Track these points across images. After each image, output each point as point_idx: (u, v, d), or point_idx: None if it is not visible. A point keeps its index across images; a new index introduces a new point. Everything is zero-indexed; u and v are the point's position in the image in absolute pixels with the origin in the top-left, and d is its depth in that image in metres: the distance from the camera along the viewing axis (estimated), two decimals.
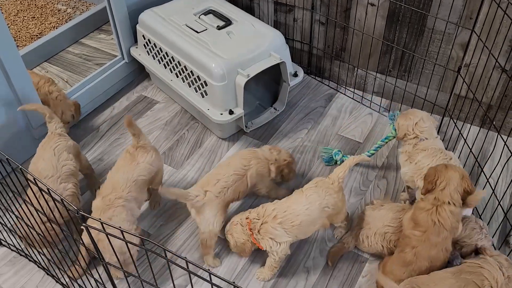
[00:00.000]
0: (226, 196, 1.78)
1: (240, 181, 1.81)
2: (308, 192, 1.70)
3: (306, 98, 2.55)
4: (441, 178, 1.55)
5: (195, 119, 2.43)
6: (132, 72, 2.62)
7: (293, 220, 1.65)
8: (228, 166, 1.84)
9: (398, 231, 1.69)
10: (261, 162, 1.88)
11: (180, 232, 1.93)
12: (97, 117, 2.45)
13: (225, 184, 1.78)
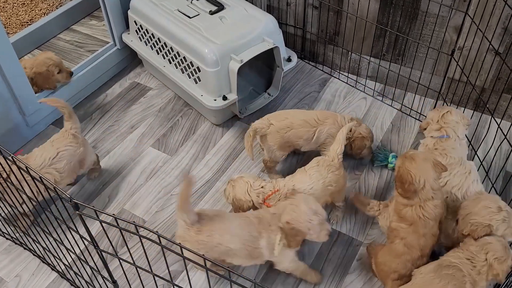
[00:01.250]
0: (287, 135, 1.89)
1: (305, 130, 1.89)
2: (311, 172, 1.72)
3: (300, 83, 2.54)
4: (417, 177, 1.50)
5: (188, 106, 2.42)
6: (125, 59, 2.59)
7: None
8: (301, 112, 1.99)
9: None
10: (335, 125, 1.92)
11: (175, 219, 1.92)
12: (90, 105, 2.43)
13: (290, 125, 1.90)
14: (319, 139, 1.94)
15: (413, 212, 1.53)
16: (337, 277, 1.74)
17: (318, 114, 1.95)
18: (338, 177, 1.72)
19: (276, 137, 1.92)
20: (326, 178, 1.70)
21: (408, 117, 2.32)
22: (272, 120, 1.93)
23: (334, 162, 1.72)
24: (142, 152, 2.19)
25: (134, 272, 1.69)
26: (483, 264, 1.43)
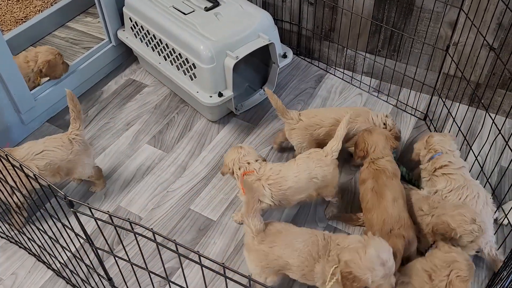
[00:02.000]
0: (316, 132, 1.92)
1: (335, 128, 1.81)
2: (300, 161, 1.73)
3: (296, 79, 2.54)
4: (370, 144, 1.77)
5: (184, 102, 2.42)
6: (120, 56, 2.59)
7: (281, 184, 1.68)
8: (332, 110, 1.99)
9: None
10: (366, 123, 1.93)
11: (171, 215, 1.93)
12: (86, 102, 2.43)
13: (320, 123, 1.91)
14: (348, 136, 1.94)
15: (370, 169, 1.73)
16: None
17: (349, 111, 1.91)
18: (326, 173, 1.71)
19: (304, 134, 1.94)
20: (312, 171, 1.70)
21: (404, 112, 2.33)
22: (302, 116, 1.95)
23: (327, 158, 1.72)
24: (138, 149, 2.19)
25: (130, 269, 1.70)
26: (442, 280, 1.40)
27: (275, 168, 1.72)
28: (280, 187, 1.69)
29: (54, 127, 2.30)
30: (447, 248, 1.48)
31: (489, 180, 1.89)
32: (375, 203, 1.65)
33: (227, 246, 1.83)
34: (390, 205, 1.62)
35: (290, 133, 1.97)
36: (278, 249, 1.45)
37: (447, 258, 1.43)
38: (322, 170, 1.71)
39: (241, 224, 1.86)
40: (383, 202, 1.63)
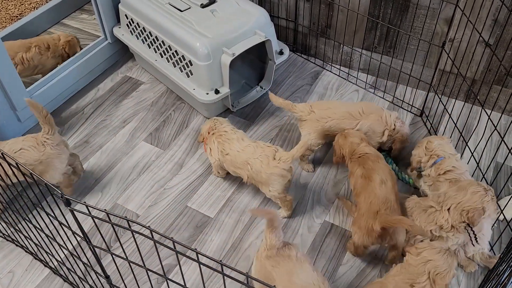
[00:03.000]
0: (327, 124, 1.93)
1: (348, 122, 1.91)
2: (252, 144, 1.82)
3: (292, 76, 2.54)
4: (345, 148, 1.82)
5: (181, 100, 2.41)
6: (116, 53, 2.58)
7: (224, 147, 1.85)
8: (345, 103, 2.02)
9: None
10: (379, 121, 1.94)
11: (169, 213, 1.93)
12: (82, 99, 2.42)
13: (332, 115, 1.93)
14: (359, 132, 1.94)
15: (352, 161, 1.79)
16: (330, 268, 1.75)
17: (364, 106, 1.96)
18: (260, 169, 1.76)
19: (316, 125, 1.95)
20: (250, 159, 1.78)
21: (400, 109, 2.33)
22: (315, 108, 1.96)
23: (272, 161, 1.75)
24: (134, 147, 2.19)
25: (128, 267, 1.69)
26: (425, 285, 1.39)
27: (231, 134, 1.86)
28: (222, 149, 1.85)
29: None
30: (414, 250, 1.46)
31: (485, 176, 1.90)
32: (364, 186, 1.69)
33: (224, 243, 1.83)
34: (377, 187, 1.66)
35: (301, 124, 2.00)
36: (277, 272, 1.43)
37: (420, 261, 1.42)
38: (259, 165, 1.76)
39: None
40: (371, 184, 1.67)
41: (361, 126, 1.94)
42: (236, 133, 1.88)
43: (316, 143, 1.99)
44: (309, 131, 1.97)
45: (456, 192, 1.60)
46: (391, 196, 1.65)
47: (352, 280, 1.72)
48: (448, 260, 1.41)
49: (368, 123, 1.94)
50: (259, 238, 1.84)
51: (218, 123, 1.94)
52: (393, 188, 1.68)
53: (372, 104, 2.00)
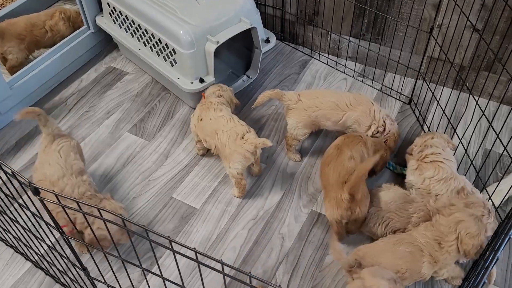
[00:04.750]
0: (314, 114, 1.90)
1: (335, 113, 1.88)
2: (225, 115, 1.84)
3: (280, 65, 2.51)
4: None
5: (166, 90, 2.37)
6: (100, 43, 2.52)
7: (202, 115, 1.88)
8: (334, 93, 1.97)
9: (403, 220, 1.64)
10: (366, 114, 1.90)
11: (153, 204, 1.90)
12: (65, 90, 2.37)
13: (319, 105, 1.89)
14: (345, 123, 1.91)
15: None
16: (317, 257, 1.73)
17: (352, 98, 1.91)
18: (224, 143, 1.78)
19: (302, 115, 1.91)
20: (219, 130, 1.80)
21: (389, 97, 2.31)
22: (302, 97, 1.93)
23: (248, 141, 1.75)
24: (118, 138, 2.15)
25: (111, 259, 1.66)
26: (452, 244, 1.42)
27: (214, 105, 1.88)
28: (199, 114, 1.90)
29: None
30: (448, 210, 1.49)
31: (473, 162, 1.87)
32: (334, 157, 1.72)
33: (210, 233, 1.80)
34: (346, 159, 1.68)
35: (288, 113, 1.96)
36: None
37: (452, 221, 1.45)
38: (226, 139, 1.77)
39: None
40: (341, 156, 1.69)
41: (347, 118, 1.90)
42: (219, 106, 1.89)
43: (302, 133, 1.95)
44: (295, 120, 1.93)
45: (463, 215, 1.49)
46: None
47: (339, 270, 1.69)
48: (479, 224, 1.43)
49: (355, 115, 1.89)
50: (245, 228, 1.81)
51: (219, 91, 1.96)
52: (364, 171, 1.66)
53: (363, 96, 1.95)
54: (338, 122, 1.91)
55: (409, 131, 2.14)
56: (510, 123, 2.12)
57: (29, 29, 2.36)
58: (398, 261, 1.44)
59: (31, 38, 2.38)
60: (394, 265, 1.44)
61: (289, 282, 1.66)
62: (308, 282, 1.66)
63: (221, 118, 1.83)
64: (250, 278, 0.80)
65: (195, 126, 1.92)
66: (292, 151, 2.03)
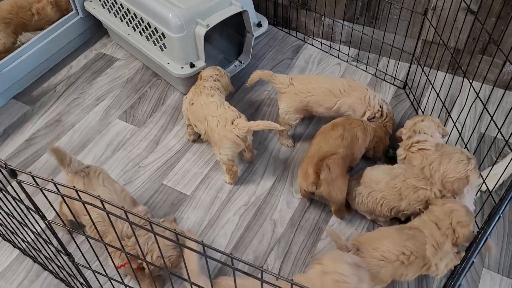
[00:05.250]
0: (306, 99, 1.86)
1: (328, 99, 1.86)
2: (216, 101, 1.80)
3: (273, 50, 2.47)
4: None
5: (157, 76, 2.33)
6: (89, 29, 2.48)
7: (193, 99, 1.84)
8: (327, 79, 1.94)
9: (395, 197, 1.63)
10: (361, 101, 1.87)
11: (144, 191, 1.87)
12: (54, 77, 2.33)
13: (312, 90, 1.86)
14: (339, 110, 1.88)
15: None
16: (309, 243, 1.71)
17: (346, 84, 1.87)
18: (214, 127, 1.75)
19: (294, 99, 1.88)
20: (209, 115, 1.77)
21: (383, 82, 2.27)
22: (295, 81, 1.89)
23: (238, 127, 1.71)
24: (108, 125, 2.11)
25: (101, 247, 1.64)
26: (448, 227, 1.43)
27: (206, 89, 1.84)
28: (191, 98, 1.86)
29: (21, 104, 2.20)
30: (441, 201, 1.51)
31: (467, 146, 1.85)
32: (324, 131, 1.74)
33: (201, 220, 1.78)
34: (333, 137, 1.69)
35: (280, 97, 1.93)
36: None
37: (445, 210, 1.47)
38: (215, 124, 1.74)
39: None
40: (331, 133, 1.70)
41: (340, 104, 1.86)
42: (211, 91, 1.84)
43: (294, 118, 1.92)
44: (287, 105, 1.90)
45: (440, 160, 1.55)
46: (342, 152, 1.66)
47: None
48: (470, 215, 1.45)
49: (349, 102, 1.86)
50: (236, 215, 1.79)
51: (217, 76, 1.92)
52: (349, 148, 1.69)
53: (357, 83, 1.91)
54: (332, 108, 1.88)
55: (403, 116, 2.11)
56: (505, 107, 2.09)
57: (15, 11, 2.29)
58: (403, 243, 1.43)
59: (18, 21, 2.31)
60: (400, 248, 1.42)
61: (280, 267, 1.64)
62: (300, 268, 1.64)
63: (212, 103, 1.80)
64: (232, 260, 0.78)
65: (187, 110, 1.89)
66: (285, 137, 2.00)
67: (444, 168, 1.54)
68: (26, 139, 2.06)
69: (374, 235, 1.51)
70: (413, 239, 1.44)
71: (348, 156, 1.69)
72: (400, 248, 1.42)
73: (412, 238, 1.44)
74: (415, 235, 1.45)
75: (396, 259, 1.42)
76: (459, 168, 1.52)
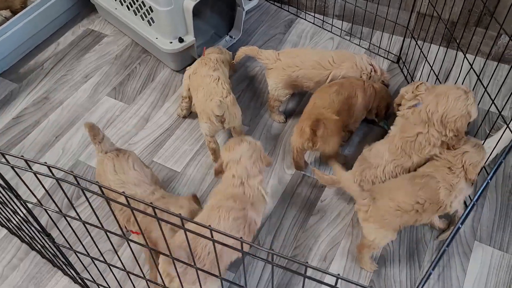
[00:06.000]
0: (295, 73, 1.82)
1: (318, 73, 1.82)
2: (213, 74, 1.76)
3: (265, 25, 2.42)
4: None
5: (147, 52, 2.29)
6: (76, 4, 2.42)
7: (196, 69, 1.81)
8: (315, 51, 1.91)
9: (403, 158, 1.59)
10: (354, 69, 1.84)
11: None
12: (41, 54, 2.28)
13: (300, 64, 1.82)
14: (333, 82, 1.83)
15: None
16: (301, 218, 1.69)
17: (334, 55, 1.83)
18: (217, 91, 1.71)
19: (281, 74, 1.84)
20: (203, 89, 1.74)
21: (376, 55, 2.23)
22: (282, 56, 1.85)
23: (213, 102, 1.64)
24: (97, 102, 2.08)
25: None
26: (461, 170, 1.47)
27: (212, 62, 1.81)
28: (195, 68, 1.83)
29: (8, 81, 2.16)
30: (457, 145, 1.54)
31: None
32: (323, 88, 1.74)
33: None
34: (329, 92, 1.69)
35: (267, 73, 1.89)
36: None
37: (458, 152, 1.50)
38: (201, 96, 1.71)
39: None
40: (327, 89, 1.70)
41: (333, 77, 1.83)
42: (216, 65, 1.81)
43: (284, 93, 1.88)
44: (275, 81, 1.86)
45: (436, 100, 1.53)
46: (337, 107, 1.67)
47: (323, 230, 1.66)
48: (481, 152, 1.50)
49: (342, 73, 1.82)
50: None
51: (220, 49, 1.93)
52: (344, 104, 1.69)
53: (344, 52, 1.88)
54: (325, 82, 1.84)
55: (397, 90, 2.08)
56: (499, 80, 2.06)
57: None
58: (416, 192, 1.44)
59: None
60: (414, 197, 1.43)
61: (272, 243, 1.63)
62: (291, 243, 1.64)
63: (208, 77, 1.75)
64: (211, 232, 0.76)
65: (189, 78, 1.84)
66: (276, 113, 1.97)
67: (443, 108, 1.51)
68: (13, 117, 2.02)
69: (389, 185, 1.51)
70: (425, 187, 1.44)
71: (343, 111, 1.69)
72: (415, 198, 1.43)
73: (425, 187, 1.44)
74: (427, 182, 1.45)
75: (411, 209, 1.43)
76: (459, 105, 1.50)
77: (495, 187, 1.75)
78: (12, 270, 1.58)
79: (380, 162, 1.60)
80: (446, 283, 1.53)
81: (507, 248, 1.60)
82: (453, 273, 1.55)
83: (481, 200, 1.71)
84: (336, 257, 1.60)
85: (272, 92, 1.89)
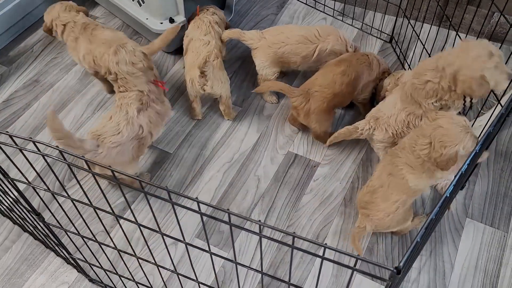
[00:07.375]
0: (280, 50, 1.80)
1: (304, 47, 1.81)
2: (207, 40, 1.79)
3: (257, 6, 2.39)
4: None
5: (138, 34, 2.26)
6: None
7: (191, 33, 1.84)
8: (300, 27, 1.88)
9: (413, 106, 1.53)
10: (339, 41, 1.83)
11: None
12: (30, 37, 2.25)
13: (285, 40, 1.80)
14: (320, 57, 1.83)
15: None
16: (293, 197, 1.70)
17: (319, 29, 1.83)
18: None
19: (267, 53, 1.82)
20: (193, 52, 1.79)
21: (369, 36, 2.22)
22: (266, 34, 1.84)
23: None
24: (88, 84, 2.06)
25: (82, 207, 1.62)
26: (424, 148, 1.33)
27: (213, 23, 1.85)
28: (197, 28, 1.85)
29: None
30: (433, 114, 1.36)
31: None
32: (329, 65, 1.73)
33: (184, 177, 1.76)
34: (334, 71, 1.68)
35: (253, 53, 1.88)
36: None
37: (432, 126, 1.33)
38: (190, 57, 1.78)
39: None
40: (334, 68, 1.69)
41: (320, 50, 1.82)
42: (209, 28, 1.83)
43: (272, 72, 1.87)
44: (262, 59, 1.85)
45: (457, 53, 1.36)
46: (338, 88, 1.66)
47: (315, 209, 1.67)
48: (460, 135, 1.28)
49: (329, 46, 1.82)
50: (220, 171, 1.77)
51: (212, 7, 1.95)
52: (349, 85, 1.68)
53: (327, 26, 1.90)
54: (311, 57, 1.83)
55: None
56: None
57: None
58: (393, 198, 1.42)
59: None
60: (393, 203, 1.43)
61: (264, 222, 1.63)
62: (284, 222, 1.64)
63: (201, 41, 1.77)
64: (229, 215, 0.76)
65: (186, 36, 1.88)
66: (268, 93, 1.96)
67: (460, 63, 1.34)
68: (3, 100, 2.00)
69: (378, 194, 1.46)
70: (393, 180, 1.41)
71: (344, 93, 1.69)
72: (393, 204, 1.42)
73: (392, 179, 1.42)
74: (393, 174, 1.42)
75: (396, 210, 1.43)
76: (475, 65, 1.31)
77: (487, 164, 1.76)
78: (5, 252, 1.58)
79: (393, 111, 1.58)
80: (438, 259, 1.54)
81: (498, 225, 1.61)
82: (445, 249, 1.56)
83: (472, 177, 1.72)
84: (328, 236, 1.61)
85: (260, 72, 1.88)
